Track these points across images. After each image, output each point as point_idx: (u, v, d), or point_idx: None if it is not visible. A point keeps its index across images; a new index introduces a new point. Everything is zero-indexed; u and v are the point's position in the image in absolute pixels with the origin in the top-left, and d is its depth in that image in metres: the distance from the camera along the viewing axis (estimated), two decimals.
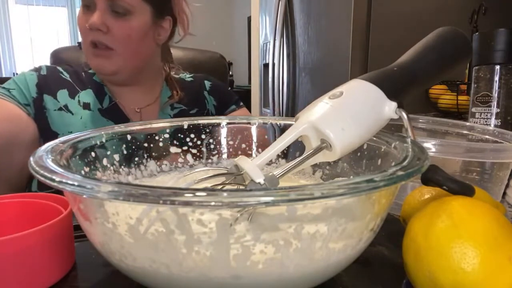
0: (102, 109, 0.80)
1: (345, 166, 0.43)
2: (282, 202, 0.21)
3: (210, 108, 0.93)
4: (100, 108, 0.80)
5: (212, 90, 0.95)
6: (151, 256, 0.25)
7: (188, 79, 0.96)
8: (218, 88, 0.96)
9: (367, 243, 0.30)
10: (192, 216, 0.24)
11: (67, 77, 0.81)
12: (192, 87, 0.93)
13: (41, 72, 0.79)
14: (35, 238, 0.31)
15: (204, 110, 0.91)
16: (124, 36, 0.73)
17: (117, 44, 0.73)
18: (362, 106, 0.33)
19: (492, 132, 0.57)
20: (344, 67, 1.37)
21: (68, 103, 0.78)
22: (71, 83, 0.80)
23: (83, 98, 0.79)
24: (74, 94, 0.79)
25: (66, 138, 0.35)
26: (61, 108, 0.77)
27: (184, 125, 0.47)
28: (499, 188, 0.51)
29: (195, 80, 0.96)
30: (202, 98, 0.93)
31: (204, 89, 0.94)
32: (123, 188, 0.21)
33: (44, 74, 0.79)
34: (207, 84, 0.95)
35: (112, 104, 0.81)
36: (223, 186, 0.35)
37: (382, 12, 1.33)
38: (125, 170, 0.43)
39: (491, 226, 0.27)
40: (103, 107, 0.80)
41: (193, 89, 0.92)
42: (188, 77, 0.97)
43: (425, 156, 0.29)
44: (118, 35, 0.73)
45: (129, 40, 0.74)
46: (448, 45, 0.39)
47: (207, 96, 0.94)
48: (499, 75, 0.71)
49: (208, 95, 0.94)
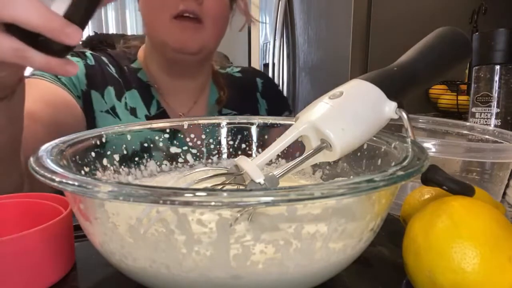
0: (150, 116, 0.70)
1: (345, 166, 0.43)
2: (282, 202, 0.21)
3: (262, 113, 0.82)
4: (148, 115, 0.70)
5: (265, 92, 0.83)
6: (151, 256, 0.25)
7: (236, 74, 0.84)
8: (272, 90, 0.86)
9: (367, 243, 0.30)
10: (192, 216, 0.24)
11: (113, 72, 0.69)
12: (242, 86, 0.82)
13: (88, 61, 0.68)
14: (35, 238, 0.31)
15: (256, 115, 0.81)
16: (217, 9, 0.65)
17: (207, 18, 0.65)
18: (362, 106, 0.33)
19: (492, 132, 0.57)
20: (344, 67, 1.37)
21: (115, 105, 0.67)
22: (118, 80, 0.69)
23: (129, 101, 0.69)
24: (121, 95, 0.68)
25: (66, 138, 0.35)
26: (108, 110, 0.66)
27: (184, 125, 0.47)
28: (499, 188, 0.51)
29: (245, 76, 0.84)
30: (254, 101, 0.81)
31: (256, 89, 0.83)
32: (123, 188, 0.21)
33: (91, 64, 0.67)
34: (259, 83, 0.84)
35: (160, 111, 0.71)
36: (223, 186, 0.35)
37: (382, 12, 1.33)
38: (125, 170, 0.43)
39: (491, 226, 0.27)
40: (150, 113, 0.70)
41: (243, 88, 0.81)
42: (235, 71, 0.85)
43: (425, 156, 0.29)
44: (211, 7, 0.64)
45: (220, 14, 0.67)
46: (448, 45, 0.39)
47: (259, 99, 0.82)
48: (499, 75, 0.71)
49: (260, 97, 0.82)
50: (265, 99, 0.83)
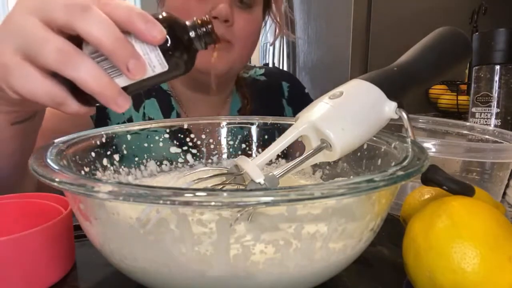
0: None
1: (345, 166, 0.43)
2: (282, 202, 0.21)
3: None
4: None
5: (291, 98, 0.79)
6: (151, 256, 0.25)
7: (259, 77, 0.80)
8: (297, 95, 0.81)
9: (367, 243, 0.30)
10: (192, 216, 0.24)
11: None
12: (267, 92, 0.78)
13: None
14: (35, 238, 0.31)
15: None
16: (248, 30, 0.63)
17: (237, 39, 0.62)
18: (362, 106, 0.33)
19: (492, 132, 0.57)
20: (344, 67, 1.37)
21: (133, 116, 0.65)
22: None
23: (148, 111, 0.66)
24: (139, 105, 0.65)
25: (66, 138, 0.35)
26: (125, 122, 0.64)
27: (184, 125, 0.47)
28: (499, 188, 0.51)
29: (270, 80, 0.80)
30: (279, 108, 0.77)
31: (282, 95, 0.79)
32: (123, 188, 0.21)
33: None
34: (285, 88, 0.80)
35: None
36: (223, 186, 0.35)
37: (382, 12, 1.33)
38: (125, 170, 0.43)
39: (491, 226, 0.27)
40: None
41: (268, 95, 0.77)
42: (259, 73, 0.80)
43: (425, 156, 0.29)
44: (242, 28, 0.61)
45: (252, 33, 0.64)
46: (448, 45, 0.39)
47: (285, 106, 0.78)
48: (499, 75, 0.71)
49: (286, 105, 0.78)
50: (291, 106, 0.80)
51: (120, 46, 0.28)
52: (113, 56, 0.28)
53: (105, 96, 0.29)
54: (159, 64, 0.31)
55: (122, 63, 0.29)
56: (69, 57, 0.28)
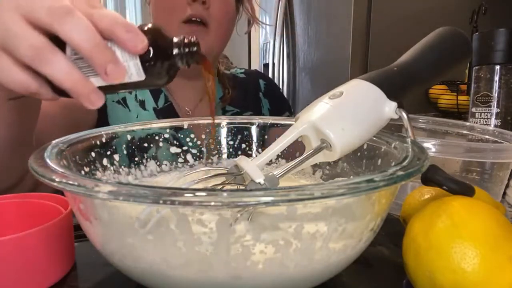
0: (157, 108, 0.74)
1: (345, 166, 0.43)
2: (282, 202, 0.21)
3: (265, 112, 0.87)
4: (155, 107, 0.74)
5: (267, 92, 0.88)
6: (151, 256, 0.25)
7: (240, 75, 0.89)
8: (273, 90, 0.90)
9: (367, 243, 0.30)
10: (192, 216, 0.24)
11: None
12: (246, 86, 0.87)
13: None
14: (35, 238, 0.31)
15: (259, 114, 0.86)
16: (223, 13, 0.68)
17: (213, 22, 0.67)
18: (362, 106, 0.33)
19: (492, 132, 0.57)
20: (344, 67, 1.37)
21: (126, 96, 0.72)
22: None
23: (139, 94, 0.74)
24: None
25: (66, 138, 0.35)
26: (119, 101, 0.72)
27: (184, 125, 0.47)
28: (499, 188, 0.51)
29: (249, 77, 0.89)
30: (257, 100, 0.86)
31: (259, 89, 0.88)
32: (123, 188, 0.21)
33: None
34: (261, 84, 0.89)
35: (167, 104, 0.76)
36: (223, 186, 0.35)
37: (382, 12, 1.33)
38: (125, 170, 0.43)
39: (491, 226, 0.27)
40: (158, 106, 0.75)
41: (247, 89, 0.86)
42: (239, 72, 0.90)
43: (425, 156, 0.29)
44: (217, 10, 0.67)
45: (226, 18, 0.69)
46: (448, 45, 0.39)
47: (262, 99, 0.87)
48: (499, 75, 0.71)
49: (263, 97, 0.87)
50: (267, 99, 0.87)
51: (98, 50, 0.29)
52: (91, 60, 0.30)
53: (77, 92, 0.31)
54: (136, 73, 0.31)
55: (100, 67, 0.30)
56: (43, 54, 0.30)
